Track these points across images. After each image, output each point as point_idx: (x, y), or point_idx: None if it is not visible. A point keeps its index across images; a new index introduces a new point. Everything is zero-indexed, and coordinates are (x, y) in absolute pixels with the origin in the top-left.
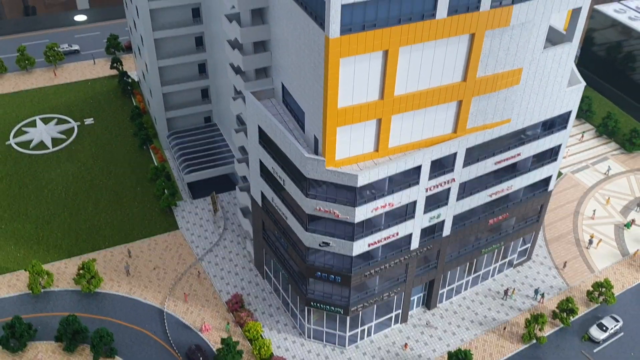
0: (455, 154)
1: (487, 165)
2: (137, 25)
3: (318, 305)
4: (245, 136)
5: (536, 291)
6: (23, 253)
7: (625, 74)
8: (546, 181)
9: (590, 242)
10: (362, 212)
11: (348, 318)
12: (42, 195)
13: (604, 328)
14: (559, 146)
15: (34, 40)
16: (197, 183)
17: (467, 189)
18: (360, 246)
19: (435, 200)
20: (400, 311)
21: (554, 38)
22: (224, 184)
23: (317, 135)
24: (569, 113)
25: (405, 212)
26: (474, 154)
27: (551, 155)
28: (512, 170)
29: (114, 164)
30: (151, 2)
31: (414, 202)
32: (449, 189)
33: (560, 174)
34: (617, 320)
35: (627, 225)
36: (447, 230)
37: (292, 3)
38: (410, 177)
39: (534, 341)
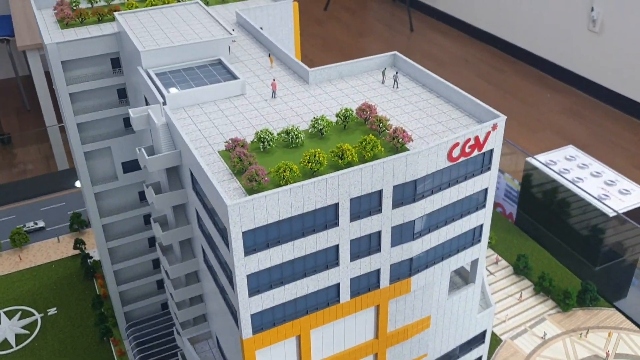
0: None
1: None
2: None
3: None
4: None
5: None
6: None
7: (560, 218)
8: None
9: None
10: None
11: None
12: None
13: None
14: (480, 357)
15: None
16: None
17: None
18: None
19: None
20: None
21: (463, 272)
22: None
23: None
24: (484, 331)
25: None
26: None
27: None
28: None
29: None
30: (103, 219)
31: None
32: None
33: (500, 340)
34: None
35: None
36: None
37: (215, 287)
38: None
39: None
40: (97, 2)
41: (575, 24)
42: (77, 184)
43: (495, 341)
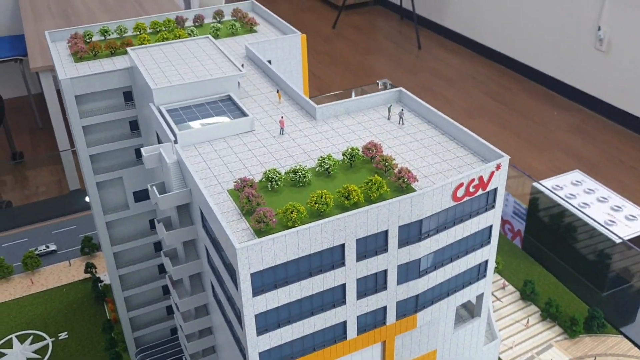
0: None
1: None
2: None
3: None
4: None
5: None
6: None
7: (567, 243)
8: None
9: None
10: None
11: None
12: None
13: None
14: None
15: (11, 240)
16: None
17: None
18: None
19: None
20: None
21: (469, 304)
22: None
23: None
24: None
25: None
26: None
27: None
28: None
29: None
30: (114, 247)
31: None
32: None
33: None
34: None
35: None
36: None
37: (223, 321)
38: None
39: None
40: (109, 35)
41: (582, 42)
42: (87, 198)
43: None
